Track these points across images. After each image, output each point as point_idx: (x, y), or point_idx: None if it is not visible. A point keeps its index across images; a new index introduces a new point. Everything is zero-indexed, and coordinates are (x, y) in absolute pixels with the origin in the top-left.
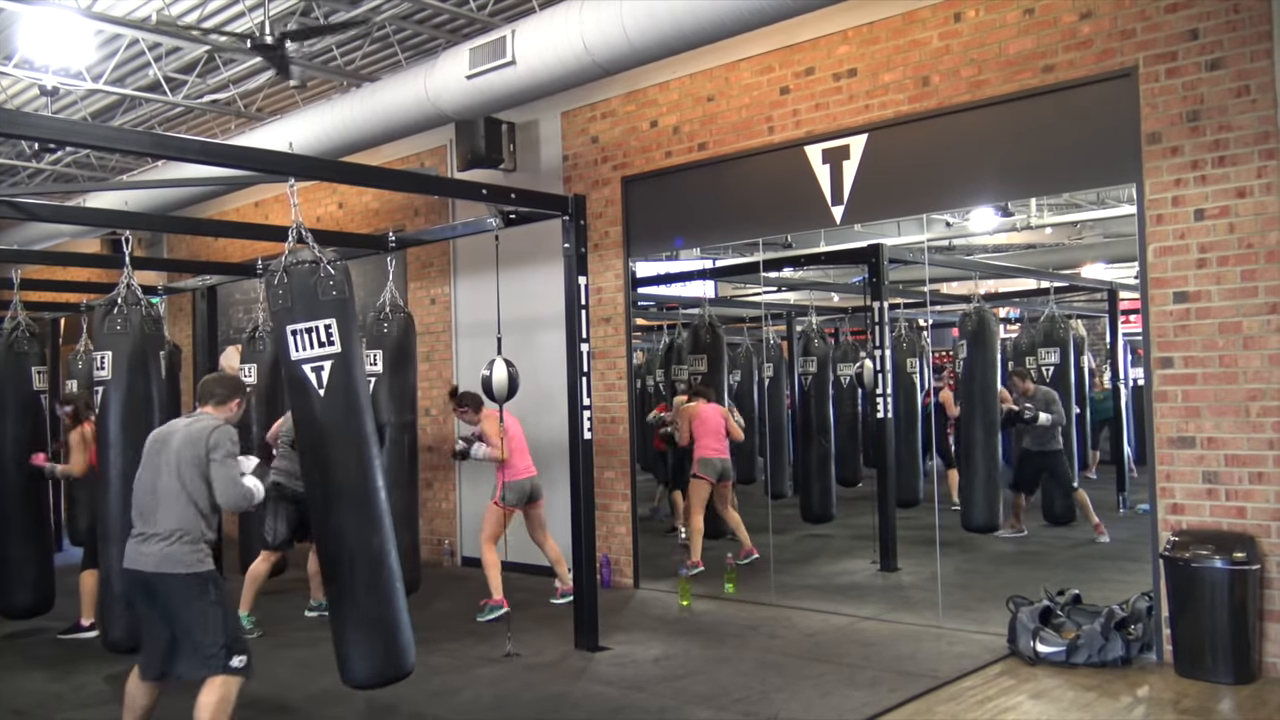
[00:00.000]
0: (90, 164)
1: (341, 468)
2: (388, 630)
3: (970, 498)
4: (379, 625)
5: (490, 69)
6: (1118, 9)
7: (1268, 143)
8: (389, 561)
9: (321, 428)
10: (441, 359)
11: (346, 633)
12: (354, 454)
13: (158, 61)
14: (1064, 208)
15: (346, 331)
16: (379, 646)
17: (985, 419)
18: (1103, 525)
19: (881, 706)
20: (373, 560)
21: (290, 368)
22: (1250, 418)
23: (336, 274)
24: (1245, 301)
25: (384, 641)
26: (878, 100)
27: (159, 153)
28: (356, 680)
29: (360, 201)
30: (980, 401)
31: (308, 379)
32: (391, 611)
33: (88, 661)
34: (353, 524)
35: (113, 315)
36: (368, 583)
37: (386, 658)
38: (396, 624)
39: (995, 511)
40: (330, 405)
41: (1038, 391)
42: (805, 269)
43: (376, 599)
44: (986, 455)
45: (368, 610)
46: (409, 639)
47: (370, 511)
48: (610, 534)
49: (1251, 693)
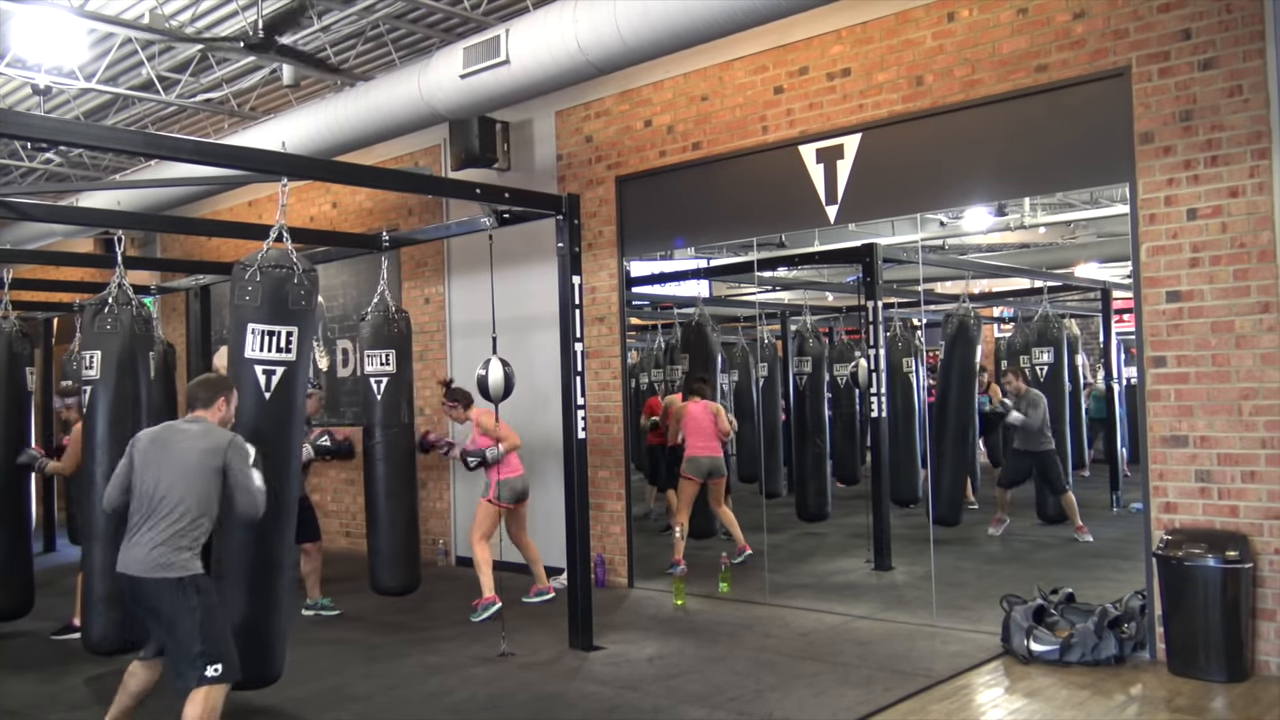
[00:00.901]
0: (83, 163)
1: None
2: (264, 637)
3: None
4: (256, 630)
5: (484, 68)
6: (1110, 9)
7: (1260, 142)
8: (282, 574)
9: (257, 431)
10: (435, 359)
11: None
12: (281, 464)
13: (150, 60)
14: (1057, 207)
15: (304, 343)
16: (254, 652)
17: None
18: (1085, 527)
19: (875, 705)
20: (268, 567)
21: (240, 366)
22: (1243, 416)
23: (308, 284)
24: (1237, 301)
25: (258, 647)
26: (871, 100)
27: (152, 152)
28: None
29: (354, 201)
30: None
31: (256, 380)
32: (270, 622)
33: (80, 663)
34: (255, 530)
35: (102, 315)
36: (254, 588)
37: (258, 663)
38: (272, 633)
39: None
40: (270, 412)
41: (1028, 392)
42: (799, 268)
43: (261, 606)
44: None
45: (250, 615)
46: (282, 650)
47: (277, 523)
48: (605, 533)
49: (1244, 691)
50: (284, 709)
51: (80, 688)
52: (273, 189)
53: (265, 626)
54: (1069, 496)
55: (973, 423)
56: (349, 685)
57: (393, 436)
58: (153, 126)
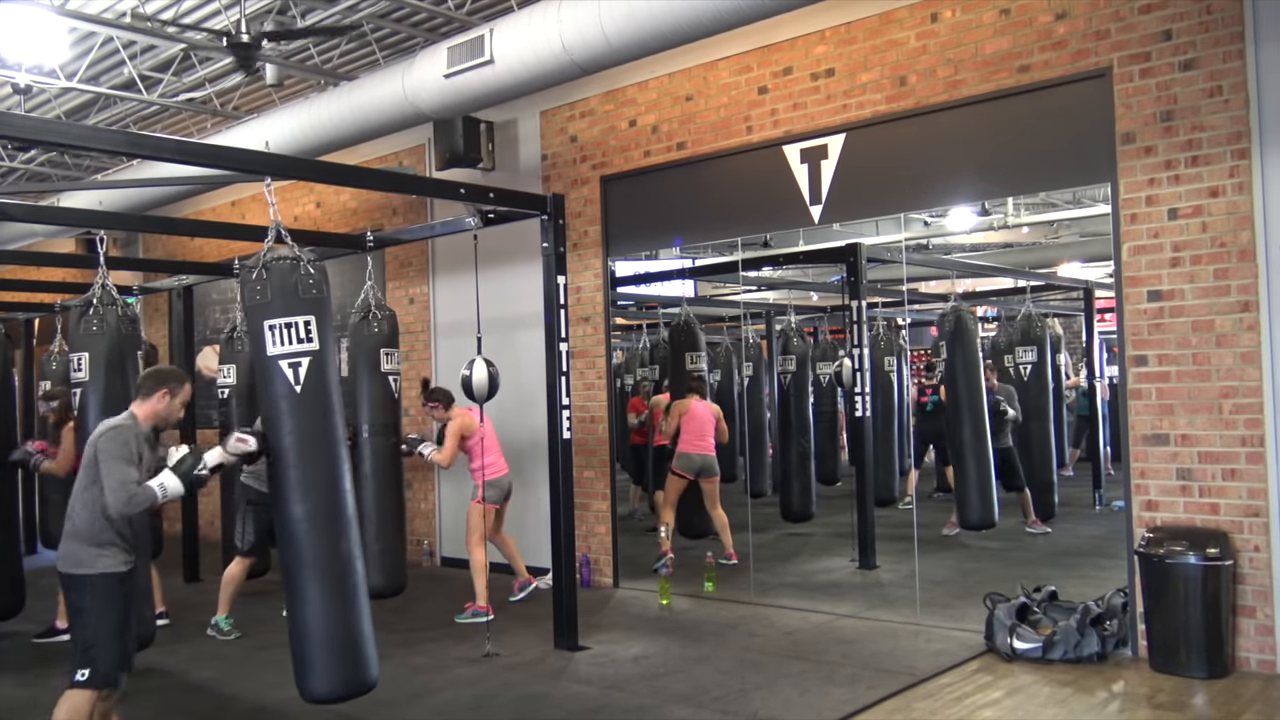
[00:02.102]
0: (64, 163)
1: (313, 467)
2: (351, 643)
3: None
4: (341, 637)
5: (468, 68)
6: (1092, 10)
7: (1240, 143)
8: (356, 569)
9: (296, 425)
10: (420, 359)
11: (305, 644)
12: (325, 454)
13: (132, 60)
14: (1040, 207)
15: (325, 330)
16: (340, 660)
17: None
18: (1039, 520)
19: (860, 704)
20: (339, 567)
21: (265, 363)
22: (1223, 415)
23: (316, 273)
24: (1218, 300)
25: (345, 655)
26: (855, 100)
27: (134, 152)
28: (314, 695)
29: (338, 201)
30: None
31: (284, 374)
32: (355, 622)
33: (64, 665)
34: (319, 528)
35: (88, 316)
36: (332, 591)
37: (347, 672)
38: (360, 636)
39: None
40: (306, 403)
41: (1001, 388)
42: (784, 268)
43: (340, 608)
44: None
45: (330, 620)
46: (372, 652)
47: (339, 515)
48: (590, 533)
49: (1225, 687)
50: (267, 710)
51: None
52: (256, 189)
53: (351, 632)
54: (1025, 493)
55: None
56: None
57: (380, 436)
58: (135, 126)
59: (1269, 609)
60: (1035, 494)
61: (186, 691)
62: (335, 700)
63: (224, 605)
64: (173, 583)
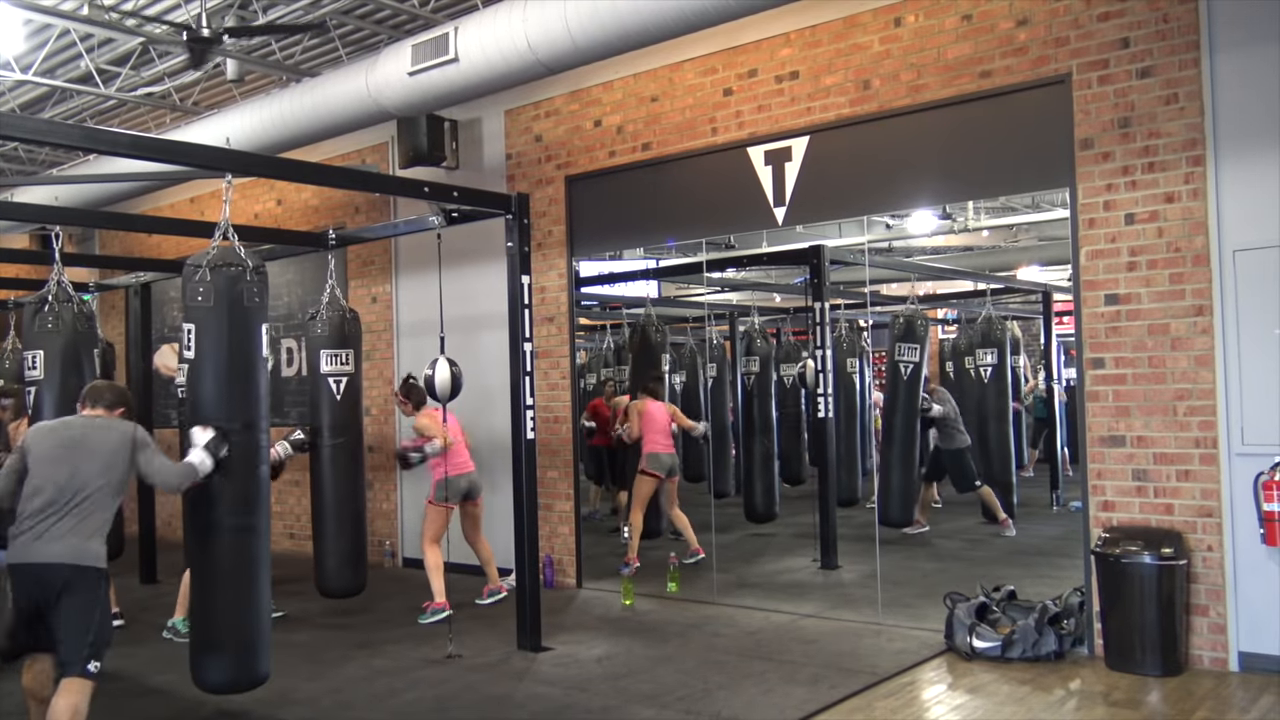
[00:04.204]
0: (19, 157)
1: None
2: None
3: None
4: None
5: (433, 66)
6: (1052, 17)
7: (1195, 149)
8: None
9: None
10: (383, 358)
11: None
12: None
13: (90, 53)
14: (1000, 211)
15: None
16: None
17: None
18: (1009, 520)
19: (822, 703)
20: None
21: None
22: (1178, 417)
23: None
24: (1173, 304)
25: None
26: (819, 103)
27: (90, 146)
28: (205, 684)
29: (299, 198)
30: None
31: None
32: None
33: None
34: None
35: (43, 313)
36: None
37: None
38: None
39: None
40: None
41: (937, 390)
42: (748, 269)
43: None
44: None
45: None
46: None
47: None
48: (553, 534)
49: (1178, 684)
50: (228, 712)
51: (15, 694)
52: (216, 185)
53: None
54: (985, 490)
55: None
56: (294, 689)
57: (342, 437)
58: (92, 120)
59: (1221, 608)
60: (999, 495)
61: (143, 695)
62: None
63: (182, 607)
64: (129, 584)
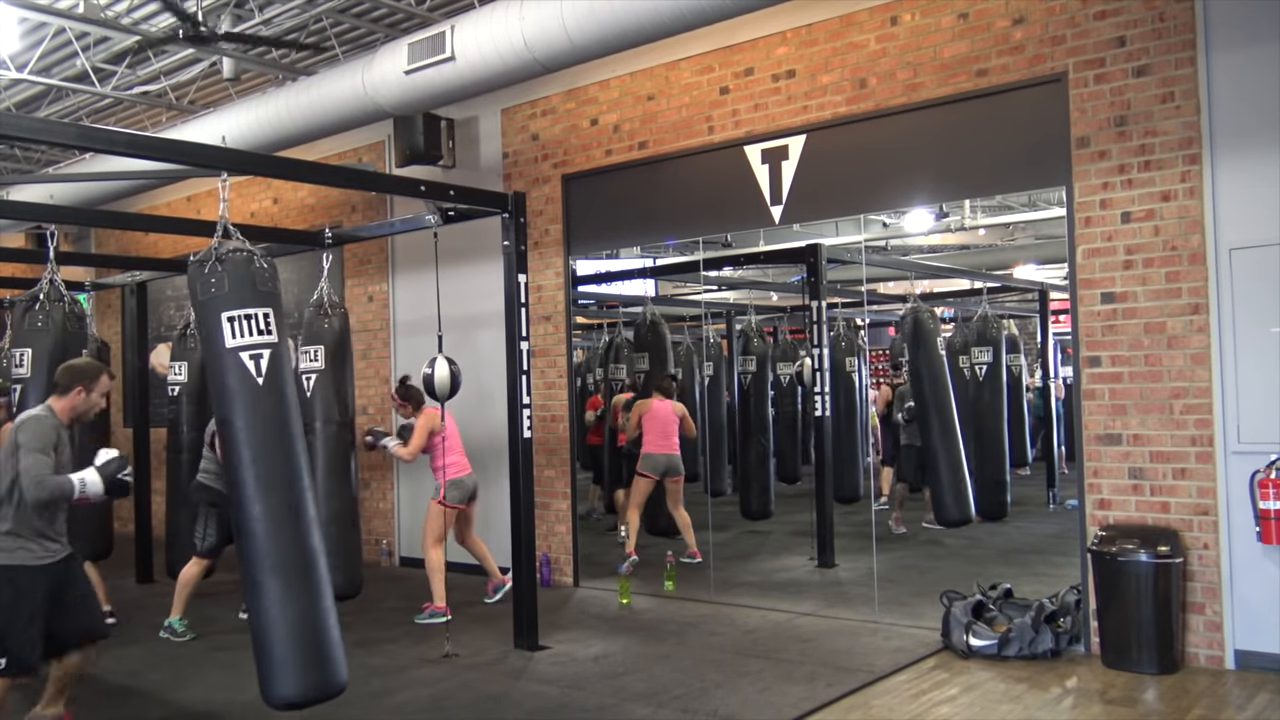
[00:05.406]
0: (14, 156)
1: (275, 461)
2: (315, 642)
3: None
4: (305, 636)
5: (429, 64)
6: (1049, 15)
7: (1191, 148)
8: (318, 566)
9: (258, 417)
10: (379, 357)
11: (269, 644)
12: (285, 448)
13: (86, 51)
14: (997, 209)
15: (281, 323)
16: (305, 660)
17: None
18: (902, 519)
19: (818, 701)
20: (302, 564)
21: (225, 356)
22: (1174, 415)
23: (270, 267)
24: (1169, 302)
25: (310, 655)
26: (816, 101)
27: (86, 145)
28: (280, 698)
29: (295, 197)
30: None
31: (244, 366)
32: (319, 621)
33: None
34: (281, 524)
35: (33, 311)
36: (297, 590)
37: (314, 672)
38: (325, 636)
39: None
40: (267, 395)
41: (902, 388)
42: (744, 268)
43: (307, 608)
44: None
45: (293, 619)
46: (338, 652)
47: (300, 512)
48: (550, 533)
49: (1174, 682)
50: (223, 713)
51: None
52: (212, 184)
53: (315, 632)
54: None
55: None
56: None
57: (332, 433)
58: (88, 119)
59: (1217, 606)
60: (993, 493)
61: (137, 695)
62: (300, 704)
63: (178, 607)
64: (125, 583)
